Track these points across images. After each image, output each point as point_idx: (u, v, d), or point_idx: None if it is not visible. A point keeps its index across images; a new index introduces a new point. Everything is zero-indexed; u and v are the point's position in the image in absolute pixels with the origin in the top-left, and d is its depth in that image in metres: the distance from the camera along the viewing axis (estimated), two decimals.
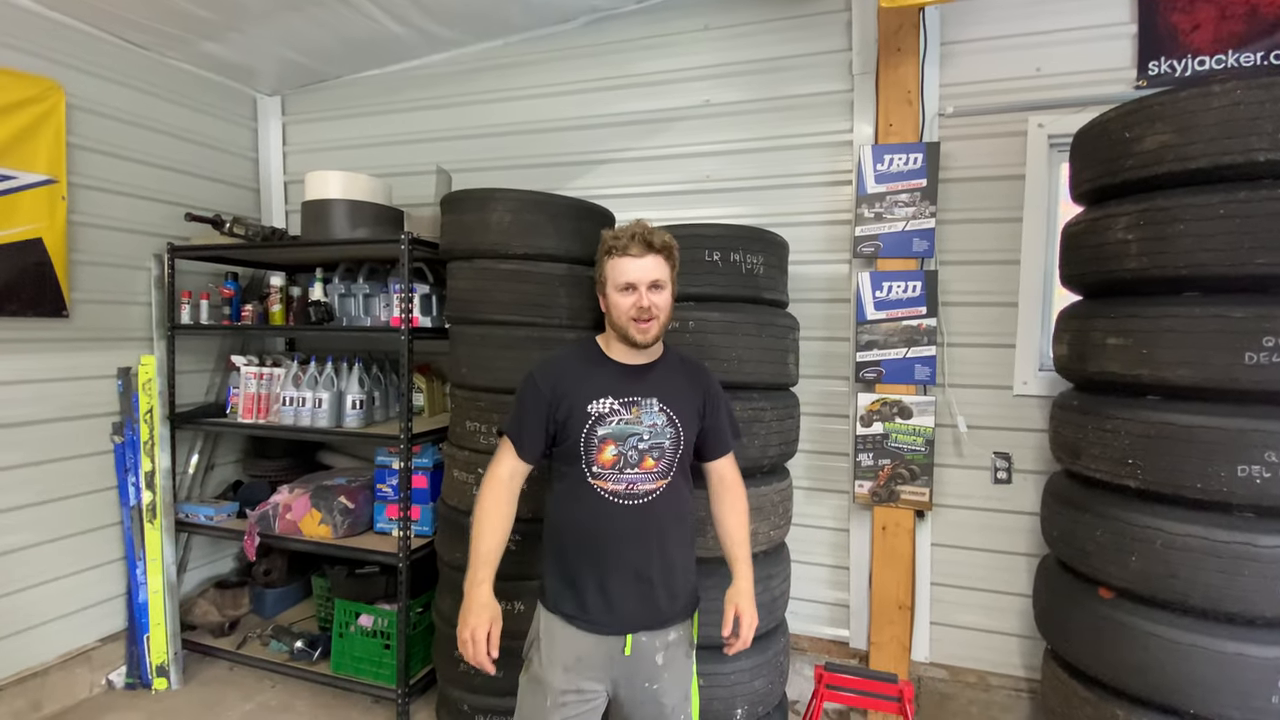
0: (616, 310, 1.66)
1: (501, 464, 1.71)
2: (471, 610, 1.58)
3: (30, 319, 2.73)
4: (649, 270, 1.64)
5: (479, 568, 1.61)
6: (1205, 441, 1.79)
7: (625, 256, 1.64)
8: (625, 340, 1.68)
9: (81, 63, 2.90)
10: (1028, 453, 2.71)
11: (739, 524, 1.80)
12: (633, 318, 1.64)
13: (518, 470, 1.72)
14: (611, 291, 1.67)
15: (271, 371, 3.17)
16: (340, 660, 2.94)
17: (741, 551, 1.78)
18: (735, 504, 1.82)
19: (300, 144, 3.88)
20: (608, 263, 1.67)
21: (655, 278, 1.64)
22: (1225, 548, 1.77)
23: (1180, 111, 1.85)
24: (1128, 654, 1.91)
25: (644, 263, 1.64)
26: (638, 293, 1.63)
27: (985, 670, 2.81)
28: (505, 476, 1.70)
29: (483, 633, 1.56)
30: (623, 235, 1.66)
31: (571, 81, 3.31)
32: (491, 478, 1.70)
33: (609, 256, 1.67)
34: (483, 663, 1.56)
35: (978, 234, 2.75)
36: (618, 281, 1.65)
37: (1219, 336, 1.79)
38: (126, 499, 3.06)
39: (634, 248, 1.63)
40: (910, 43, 2.72)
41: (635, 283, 1.63)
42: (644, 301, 1.63)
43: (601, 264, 1.70)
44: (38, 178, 2.70)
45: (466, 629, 1.57)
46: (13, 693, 2.68)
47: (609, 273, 1.67)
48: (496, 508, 1.67)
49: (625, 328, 1.66)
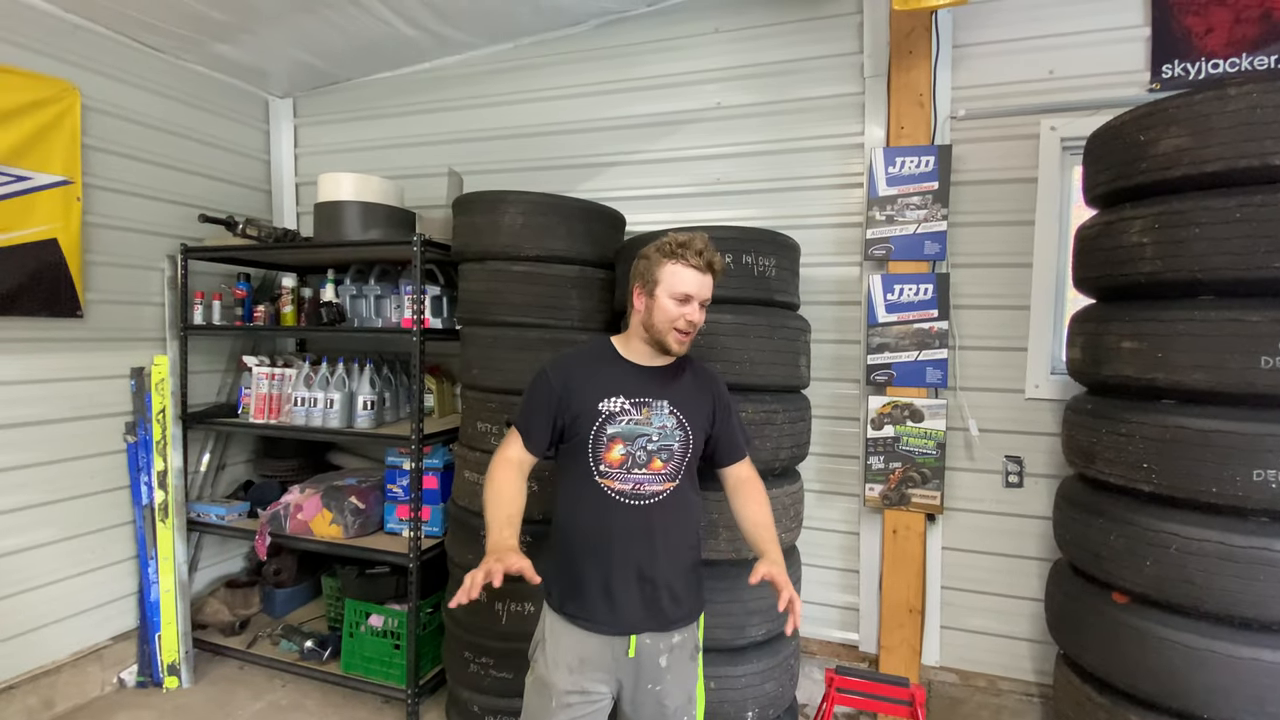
0: (662, 315, 1.63)
1: (509, 449, 1.71)
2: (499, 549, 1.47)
3: (45, 319, 2.75)
4: (706, 288, 1.65)
5: (502, 527, 1.54)
6: (1220, 446, 1.78)
7: (690, 268, 1.62)
8: (656, 346, 1.67)
9: (97, 64, 2.93)
10: (1040, 456, 2.70)
11: (760, 509, 1.75)
12: (677, 328, 1.63)
13: (524, 459, 1.71)
14: (662, 295, 1.63)
15: (283, 372, 3.18)
16: (350, 660, 2.94)
17: (768, 534, 1.70)
18: (754, 494, 1.78)
19: (312, 146, 3.90)
20: (666, 265, 1.63)
21: (708, 296, 1.66)
22: (1241, 552, 1.76)
23: (1196, 114, 1.84)
24: (1142, 659, 1.90)
25: (706, 280, 1.64)
26: (691, 306, 1.63)
27: (996, 675, 2.80)
28: (514, 459, 1.69)
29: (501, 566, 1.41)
30: (691, 244, 1.63)
31: (582, 84, 3.32)
32: (500, 458, 1.69)
33: (669, 259, 1.63)
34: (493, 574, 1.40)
35: (990, 237, 2.75)
36: (675, 289, 1.62)
37: (1234, 340, 1.78)
38: (139, 498, 3.08)
39: (699, 262, 1.62)
40: (922, 45, 2.72)
41: (693, 295, 1.63)
42: (695, 317, 1.64)
43: (655, 263, 1.65)
44: (53, 179, 2.72)
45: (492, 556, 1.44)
46: (25, 690, 2.70)
47: (665, 276, 1.63)
48: (508, 482, 1.64)
49: (665, 336, 1.64)
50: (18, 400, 2.70)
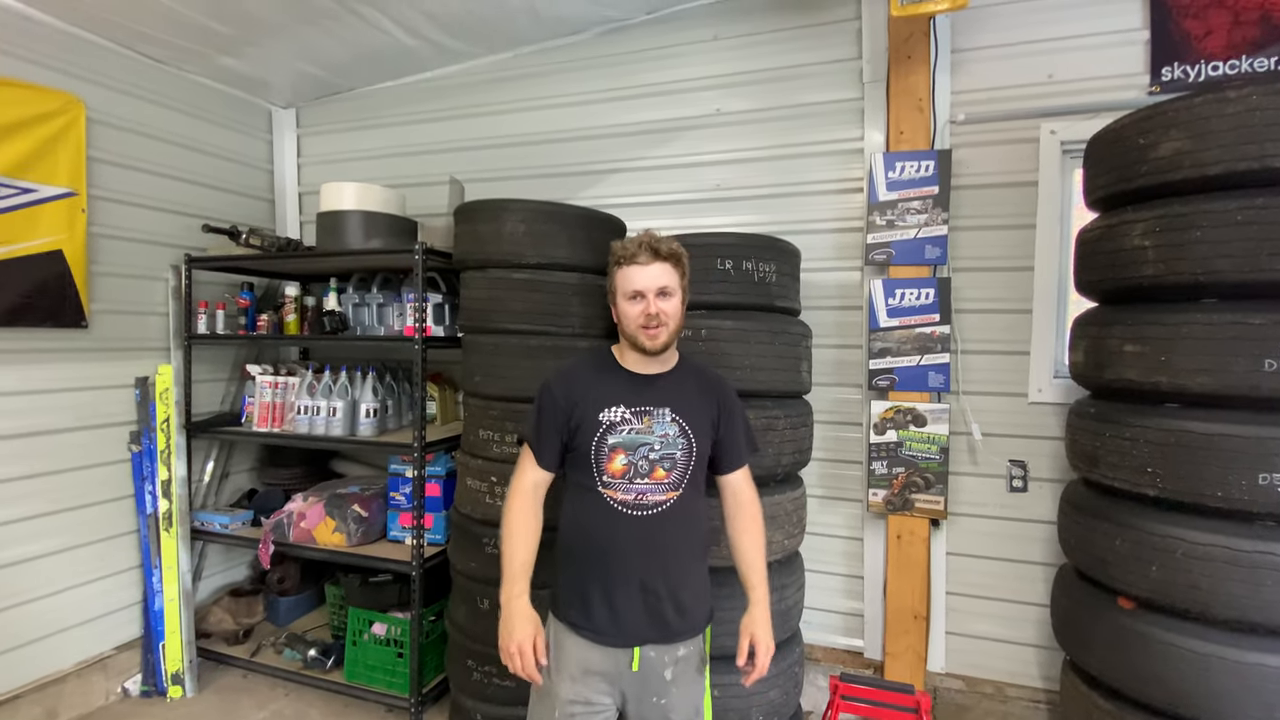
0: (626, 319, 1.68)
1: (524, 475, 1.72)
2: (515, 623, 1.58)
3: (50, 329, 2.76)
4: (656, 277, 1.65)
5: (515, 581, 1.62)
6: (1225, 450, 1.77)
7: (633, 265, 1.66)
8: (636, 348, 1.69)
9: (101, 77, 2.95)
10: (1044, 460, 2.69)
11: (754, 546, 1.77)
12: (641, 325, 1.65)
13: (540, 481, 1.72)
14: (621, 301, 1.69)
15: (286, 380, 3.19)
16: (353, 669, 2.94)
17: (757, 577, 1.74)
18: (750, 525, 1.78)
19: (314, 155, 3.92)
20: (617, 273, 1.70)
21: (662, 284, 1.66)
22: (1247, 557, 1.74)
23: (1196, 117, 1.84)
24: (1148, 665, 1.88)
25: (651, 270, 1.65)
26: (645, 300, 1.64)
27: (1002, 681, 2.78)
28: (529, 488, 1.71)
29: (529, 644, 1.57)
30: (630, 245, 1.68)
31: (583, 92, 3.33)
32: (515, 491, 1.71)
33: (618, 267, 1.69)
34: (532, 674, 1.57)
35: (990, 241, 2.75)
36: (626, 290, 1.67)
37: (1238, 343, 1.77)
38: (143, 507, 3.09)
39: (641, 256, 1.65)
40: (921, 50, 2.72)
41: (643, 290, 1.65)
42: (651, 309, 1.64)
43: (611, 274, 1.72)
44: (58, 190, 2.75)
45: (513, 642, 1.57)
46: (30, 700, 2.70)
47: (618, 282, 1.69)
48: (524, 521, 1.67)
49: (635, 336, 1.67)
50: (23, 410, 2.72)
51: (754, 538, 1.78)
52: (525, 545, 1.66)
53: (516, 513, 1.68)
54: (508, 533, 1.66)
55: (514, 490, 1.71)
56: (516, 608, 1.60)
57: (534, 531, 1.69)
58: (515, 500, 1.70)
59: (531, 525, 1.68)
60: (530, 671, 1.57)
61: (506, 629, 1.59)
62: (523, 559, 1.64)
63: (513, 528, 1.67)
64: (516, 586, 1.61)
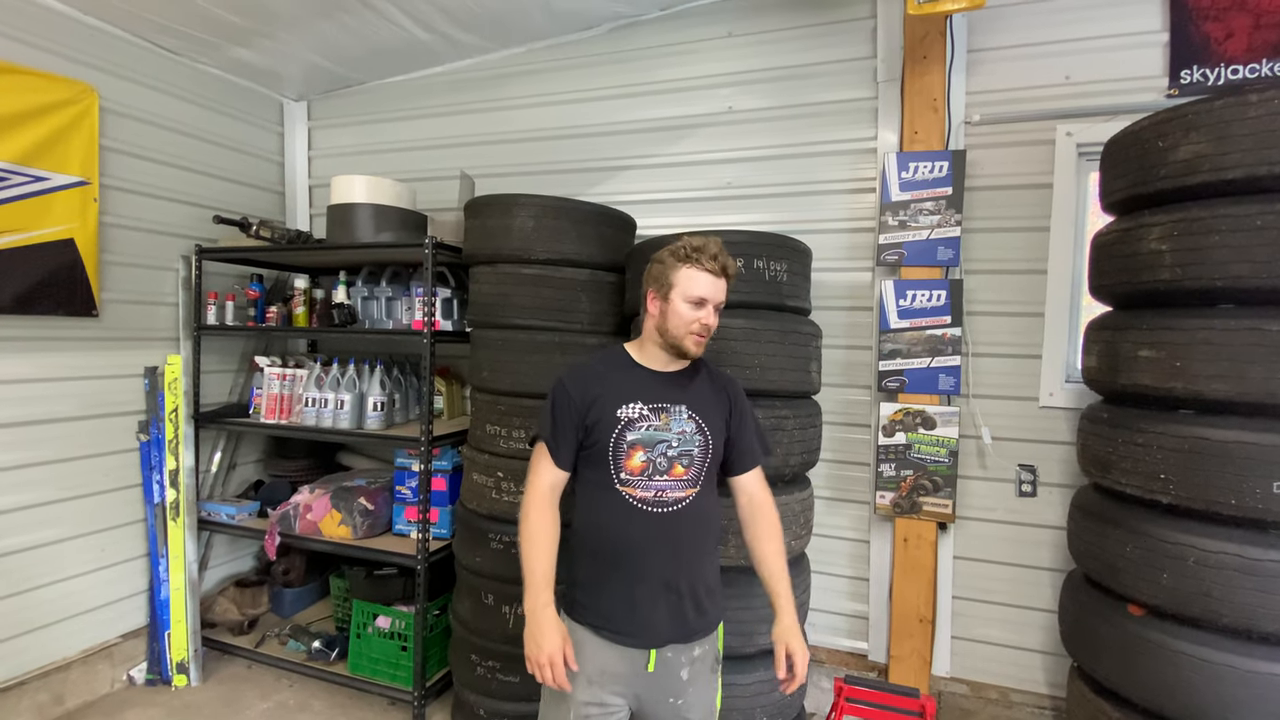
0: (677, 319, 1.63)
1: (541, 476, 1.69)
2: (545, 634, 1.56)
3: (61, 318, 2.77)
4: (720, 291, 1.65)
5: (540, 590, 1.60)
6: (1240, 457, 1.75)
7: (704, 271, 1.63)
8: (673, 350, 1.67)
9: (115, 67, 2.96)
10: (1053, 465, 2.67)
11: (776, 554, 1.72)
12: (693, 331, 1.63)
13: (556, 482, 1.69)
14: (677, 299, 1.63)
15: (294, 372, 3.20)
16: (357, 661, 2.95)
17: (782, 585, 1.70)
18: (769, 531, 1.75)
19: (325, 148, 3.93)
20: (681, 269, 1.64)
21: (722, 299, 1.66)
22: (1260, 565, 1.73)
23: (1216, 121, 1.82)
24: (1158, 673, 1.86)
25: (720, 284, 1.65)
26: (706, 309, 1.63)
27: (1008, 686, 2.76)
28: (546, 491, 1.68)
29: (559, 655, 1.55)
30: (704, 249, 1.63)
31: (595, 88, 3.32)
32: (533, 493, 1.68)
33: (684, 263, 1.64)
34: (563, 683, 1.55)
35: (1004, 243, 2.72)
36: (690, 293, 1.62)
37: (1255, 350, 1.75)
38: (150, 496, 3.10)
39: (714, 266, 1.63)
40: (936, 50, 2.70)
41: (708, 299, 1.63)
42: (710, 320, 1.64)
43: (670, 267, 1.65)
44: (71, 179, 2.75)
45: (543, 653, 1.54)
46: (36, 686, 2.72)
47: (680, 280, 1.63)
48: (544, 526, 1.65)
49: (682, 340, 1.64)
50: (33, 398, 2.73)
51: (776, 545, 1.74)
52: (547, 553, 1.63)
53: (536, 520, 1.65)
54: (528, 540, 1.63)
55: (531, 496, 1.68)
56: (544, 617, 1.57)
57: (554, 538, 1.66)
58: (533, 507, 1.66)
59: (551, 533, 1.66)
60: (561, 681, 1.54)
61: (534, 640, 1.56)
62: (545, 568, 1.62)
63: (534, 536, 1.63)
64: (542, 597, 1.59)
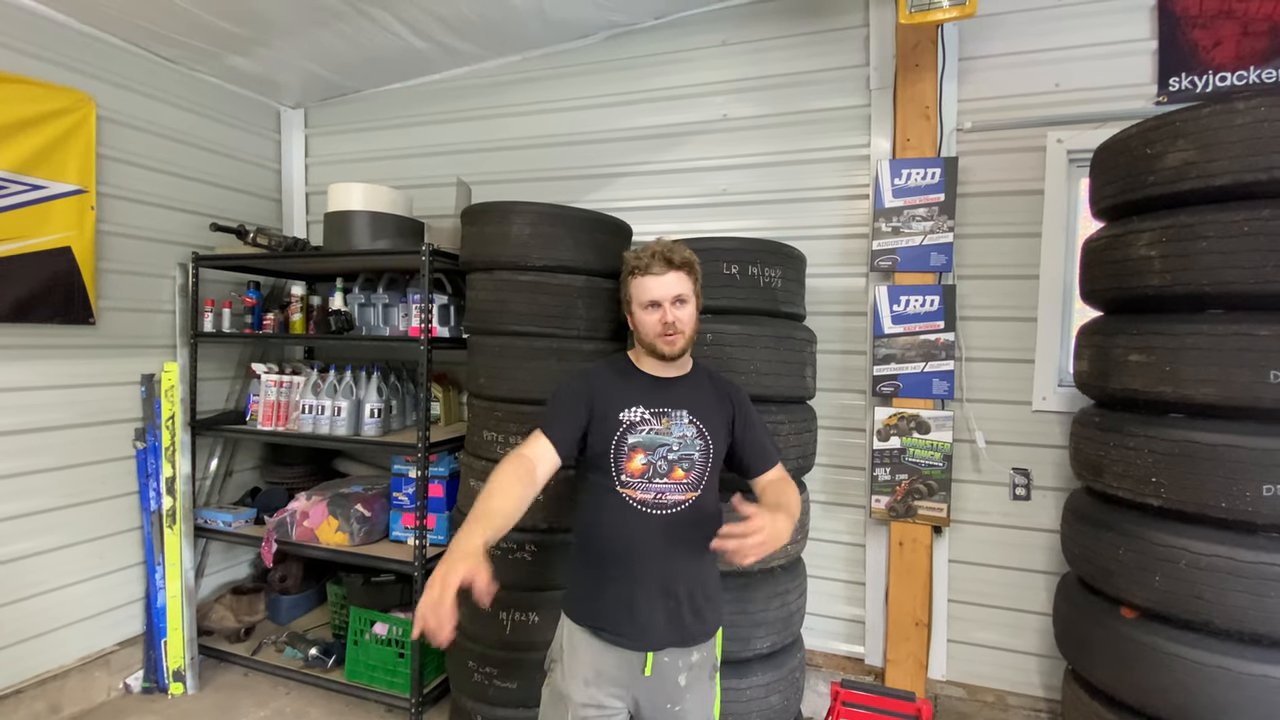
0: (644, 327, 1.70)
1: (528, 444, 1.61)
2: (452, 555, 1.29)
3: (58, 325, 2.78)
4: (671, 286, 1.67)
5: (475, 522, 1.38)
6: (1230, 460, 1.78)
7: (648, 275, 1.67)
8: (654, 354, 1.71)
9: (112, 75, 2.97)
10: (1047, 469, 2.69)
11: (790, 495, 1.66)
12: (659, 333, 1.67)
13: (543, 455, 1.59)
14: (637, 310, 1.70)
15: (291, 379, 3.20)
16: (354, 668, 2.94)
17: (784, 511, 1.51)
18: (787, 487, 1.72)
19: (322, 156, 3.94)
20: (632, 282, 1.71)
21: (678, 293, 1.67)
22: (1250, 568, 1.75)
23: (1204, 128, 1.84)
24: (1151, 675, 1.88)
25: (666, 279, 1.67)
26: (662, 309, 1.66)
27: (1004, 689, 2.77)
28: (528, 455, 1.57)
29: (455, 578, 1.23)
30: (644, 255, 1.69)
31: (590, 96, 3.35)
32: (514, 454, 1.57)
33: (633, 276, 1.70)
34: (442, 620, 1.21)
35: (996, 249, 2.75)
36: (642, 300, 1.69)
37: (1243, 355, 1.77)
38: (147, 504, 3.10)
39: (655, 266, 1.66)
40: (928, 58, 2.73)
41: (659, 299, 1.66)
42: (668, 317, 1.66)
43: (626, 284, 1.73)
44: (68, 188, 2.76)
45: (437, 574, 1.26)
46: (32, 695, 2.71)
47: (634, 292, 1.71)
48: (509, 479, 1.49)
49: (653, 343, 1.69)
50: (30, 406, 2.73)
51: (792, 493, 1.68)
52: (506, 497, 1.45)
53: (502, 471, 1.50)
54: (490, 482, 1.47)
55: (512, 455, 1.56)
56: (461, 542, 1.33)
57: (515, 492, 1.47)
58: (506, 462, 1.52)
59: (518, 487, 1.48)
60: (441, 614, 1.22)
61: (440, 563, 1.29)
62: (495, 506, 1.42)
63: (494, 480, 1.48)
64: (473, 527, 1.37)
